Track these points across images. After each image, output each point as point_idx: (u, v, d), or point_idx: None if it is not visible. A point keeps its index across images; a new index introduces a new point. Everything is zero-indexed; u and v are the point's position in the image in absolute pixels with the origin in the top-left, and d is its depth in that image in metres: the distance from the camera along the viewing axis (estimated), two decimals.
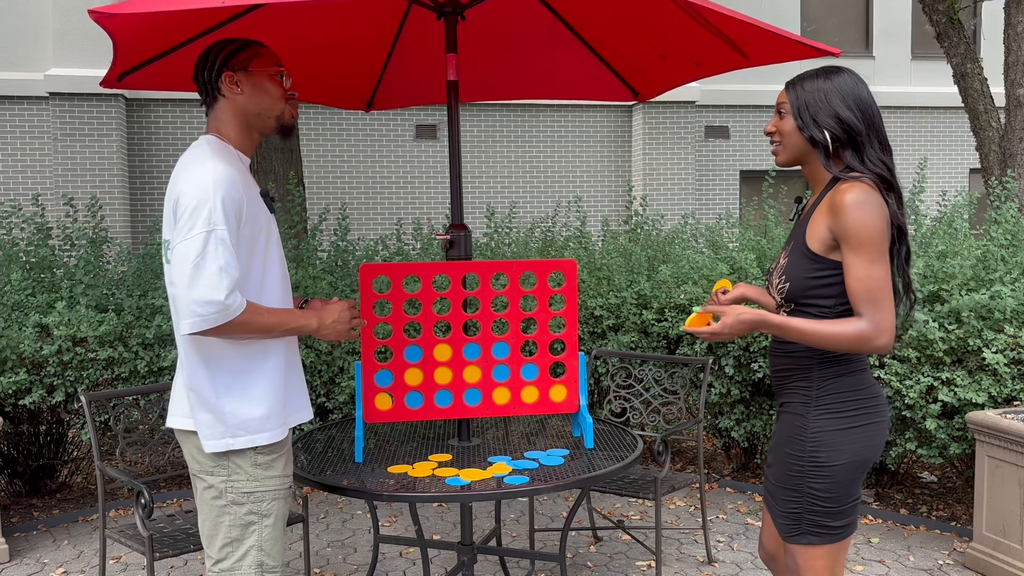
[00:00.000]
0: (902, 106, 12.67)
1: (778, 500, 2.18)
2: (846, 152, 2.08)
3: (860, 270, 1.98)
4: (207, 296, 1.98)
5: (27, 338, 4.35)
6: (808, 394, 2.13)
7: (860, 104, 2.08)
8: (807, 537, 2.12)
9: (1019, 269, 4.36)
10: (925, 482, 4.97)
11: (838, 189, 2.03)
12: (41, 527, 4.54)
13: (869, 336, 1.98)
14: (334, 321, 2.26)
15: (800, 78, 2.16)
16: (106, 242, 5.28)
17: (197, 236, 2.00)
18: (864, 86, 2.11)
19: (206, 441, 2.14)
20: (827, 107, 2.08)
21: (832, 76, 2.11)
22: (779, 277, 2.15)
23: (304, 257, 5.32)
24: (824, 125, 2.08)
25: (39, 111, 10.19)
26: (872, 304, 1.98)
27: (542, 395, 2.82)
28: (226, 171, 2.07)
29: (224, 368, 2.14)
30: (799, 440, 2.11)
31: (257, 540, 2.19)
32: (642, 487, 3.68)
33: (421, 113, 11.36)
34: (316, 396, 4.86)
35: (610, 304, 5.01)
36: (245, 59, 2.21)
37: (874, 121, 2.09)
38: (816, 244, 2.07)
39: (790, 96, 2.15)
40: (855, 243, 1.98)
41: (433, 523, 4.53)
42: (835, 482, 2.08)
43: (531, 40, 3.41)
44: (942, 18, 7.96)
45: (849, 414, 2.10)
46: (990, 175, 7.63)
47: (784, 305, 2.16)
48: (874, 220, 1.97)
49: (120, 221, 10.07)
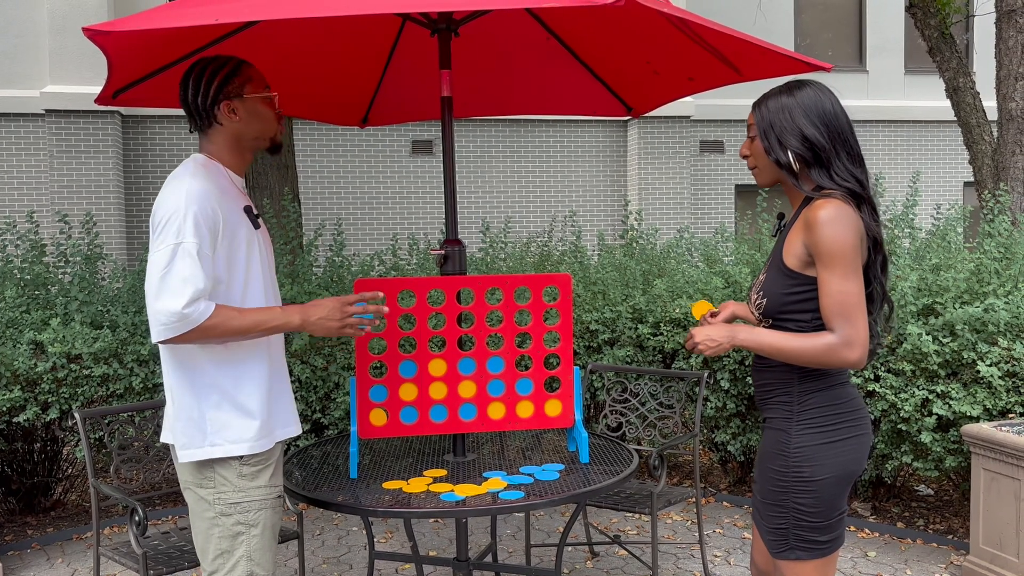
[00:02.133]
0: (895, 120, 12.73)
1: (765, 516, 2.17)
2: (813, 171, 2.08)
3: (833, 285, 1.99)
4: (168, 306, 2.02)
5: (21, 355, 4.34)
6: (790, 409, 2.12)
7: (824, 118, 2.06)
8: (795, 552, 2.11)
9: (1012, 282, 4.37)
10: (922, 495, 4.97)
11: (811, 206, 2.03)
12: (35, 545, 4.52)
13: (840, 350, 1.99)
14: (321, 318, 2.22)
15: (765, 97, 2.14)
16: (101, 259, 5.28)
17: (166, 248, 2.05)
18: (829, 97, 2.09)
19: (183, 451, 2.16)
20: (791, 126, 2.06)
21: (795, 92, 2.09)
22: (757, 293, 2.15)
23: (299, 272, 5.32)
24: (789, 146, 2.07)
25: (35, 128, 10.21)
26: (844, 319, 1.99)
27: (537, 410, 2.82)
28: (201, 187, 2.11)
29: (204, 376, 2.17)
30: (782, 456, 2.11)
31: (246, 550, 2.21)
32: (638, 502, 3.67)
33: (417, 129, 11.40)
34: (311, 412, 4.85)
35: (605, 318, 5.02)
36: (239, 85, 2.24)
37: (841, 134, 2.07)
38: (792, 261, 2.07)
39: (756, 117, 2.13)
40: (828, 259, 1.99)
41: (429, 539, 4.51)
42: (820, 497, 2.08)
43: (525, 56, 3.42)
44: (934, 32, 8.01)
45: (831, 428, 2.09)
46: (983, 188, 7.66)
47: (762, 321, 2.16)
48: (846, 236, 1.98)
49: (116, 238, 10.06)
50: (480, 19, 3.12)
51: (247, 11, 2.01)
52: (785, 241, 2.11)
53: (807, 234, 2.02)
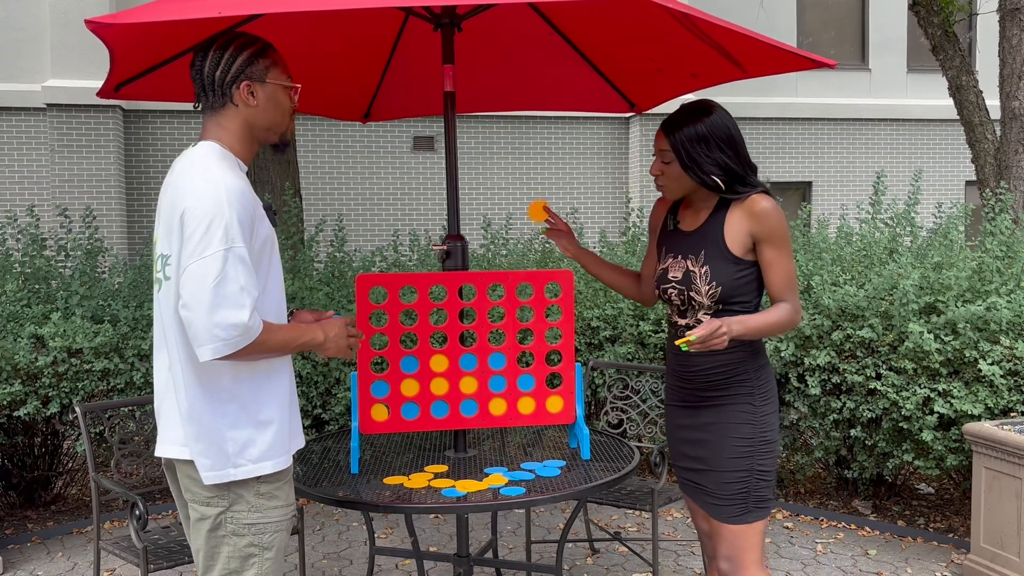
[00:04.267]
0: (898, 119, 12.71)
1: (721, 486, 2.39)
2: (735, 188, 2.36)
3: (784, 263, 2.34)
4: (231, 319, 1.85)
5: (22, 349, 4.33)
6: (752, 385, 2.40)
7: (732, 143, 2.34)
8: (752, 515, 2.38)
9: (1015, 280, 4.36)
10: (923, 494, 4.96)
11: (751, 201, 2.34)
12: (35, 539, 4.52)
13: (795, 315, 2.35)
14: (335, 336, 2.14)
15: (675, 125, 2.37)
16: (101, 253, 5.28)
17: (215, 255, 1.86)
18: (728, 118, 2.37)
19: (205, 472, 1.99)
20: (708, 156, 2.33)
21: (703, 119, 2.34)
22: (708, 284, 2.37)
23: (301, 268, 5.32)
24: (711, 172, 2.33)
25: (36, 122, 10.20)
26: (791, 291, 2.36)
27: (538, 406, 2.82)
28: (237, 184, 1.95)
29: (227, 394, 2.00)
30: (750, 424, 2.38)
31: (257, 572, 2.06)
32: (639, 499, 3.67)
33: (419, 124, 11.39)
34: (312, 407, 4.85)
35: (607, 315, 5.01)
36: (264, 68, 2.08)
37: (744, 154, 2.37)
38: (738, 249, 2.35)
39: (671, 143, 2.37)
40: (780, 241, 2.33)
41: (429, 535, 4.51)
42: (773, 456, 2.41)
43: (528, 52, 3.42)
44: (937, 31, 8.00)
45: (774, 397, 2.44)
46: (985, 187, 7.65)
47: (712, 307, 2.38)
48: (785, 222, 2.35)
49: (117, 232, 10.06)
50: (483, 14, 3.11)
51: (251, 4, 2.00)
52: (724, 233, 2.36)
53: (755, 223, 2.33)
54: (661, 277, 2.48)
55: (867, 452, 4.43)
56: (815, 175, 12.63)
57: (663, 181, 2.42)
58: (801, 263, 4.94)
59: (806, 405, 4.49)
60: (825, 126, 12.54)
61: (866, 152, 12.73)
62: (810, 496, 4.96)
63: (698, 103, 2.38)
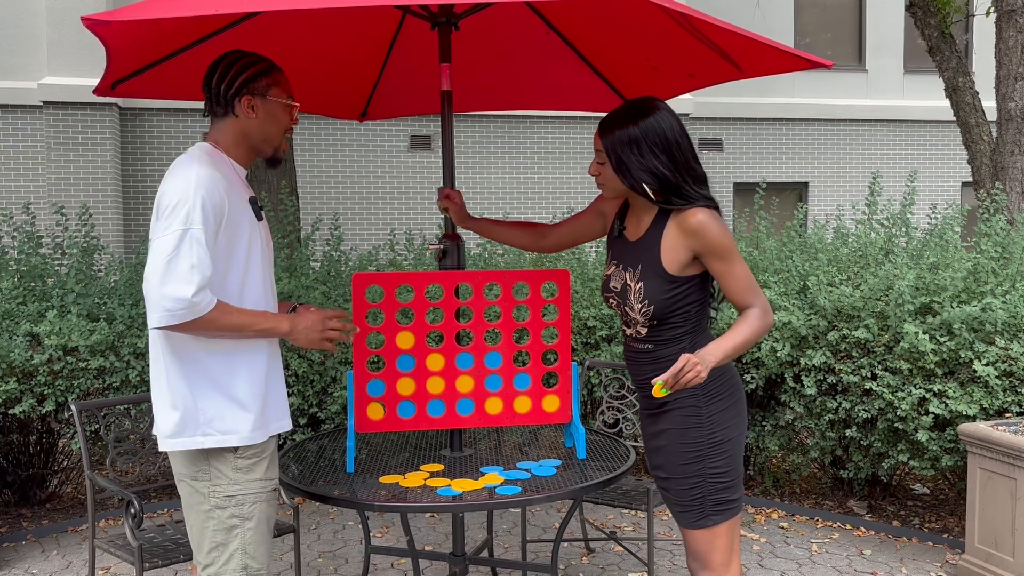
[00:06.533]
0: (894, 119, 12.73)
1: (678, 493, 2.36)
2: (670, 198, 2.25)
3: (736, 271, 2.24)
4: (176, 292, 2.01)
5: (17, 347, 4.33)
6: (696, 387, 2.28)
7: (667, 148, 2.22)
8: (712, 519, 2.33)
9: (1010, 281, 4.37)
10: (918, 494, 4.97)
11: (683, 216, 2.23)
12: (30, 537, 4.51)
13: (766, 316, 2.26)
14: (306, 328, 2.27)
15: (611, 125, 2.27)
16: (97, 251, 5.27)
17: (173, 233, 2.04)
18: (670, 123, 2.23)
19: (174, 439, 2.16)
20: (639, 161, 2.22)
21: (639, 121, 2.23)
22: (640, 303, 2.31)
23: (297, 267, 5.31)
24: (642, 180, 2.24)
25: (33, 120, 10.17)
26: (754, 292, 2.26)
27: (535, 405, 2.82)
28: (209, 174, 2.12)
29: (199, 366, 2.16)
30: (697, 427, 2.32)
31: (241, 543, 2.21)
32: (635, 498, 3.67)
33: (416, 124, 11.38)
34: (308, 406, 4.84)
35: (603, 315, 5.02)
36: (266, 85, 2.27)
37: (685, 160, 2.24)
38: (674, 267, 2.27)
39: (605, 145, 2.28)
40: (723, 252, 2.23)
41: (425, 534, 4.51)
42: (730, 456, 2.33)
43: (525, 51, 3.41)
44: (934, 32, 8.01)
45: (727, 395, 2.34)
46: (981, 188, 7.66)
47: (647, 323, 2.33)
48: (726, 230, 2.24)
49: (113, 230, 10.04)
50: (480, 13, 3.11)
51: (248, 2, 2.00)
52: (660, 251, 2.28)
53: (692, 240, 2.23)
54: (604, 284, 2.47)
55: (862, 452, 4.44)
56: (812, 176, 12.65)
57: (601, 181, 2.36)
58: (797, 263, 4.94)
59: (802, 405, 4.50)
60: (822, 127, 12.55)
61: (863, 153, 12.75)
62: (805, 496, 4.97)
63: (639, 101, 2.29)
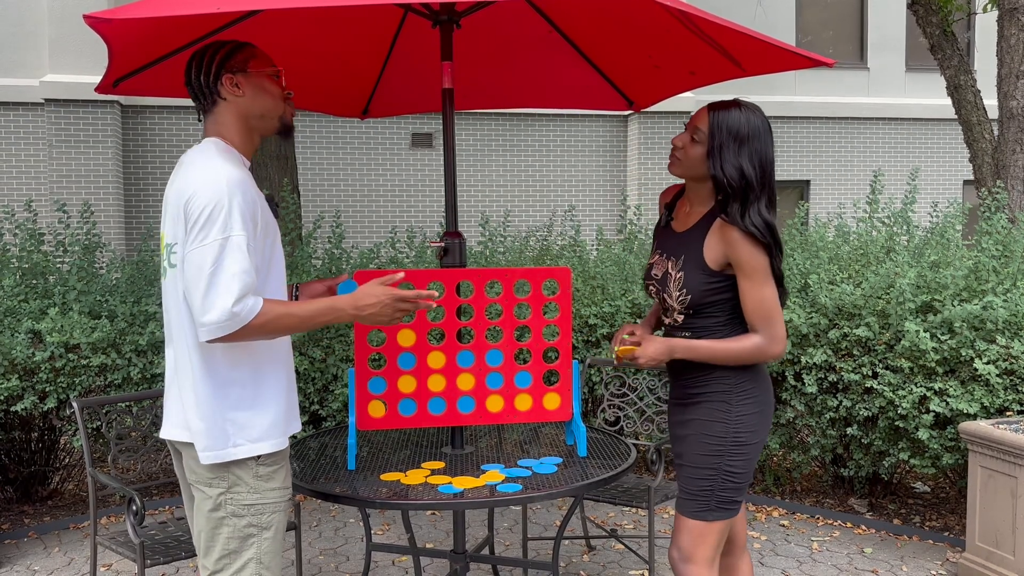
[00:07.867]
0: (896, 118, 12.72)
1: (689, 481, 2.42)
2: (734, 204, 2.29)
3: (754, 293, 2.29)
4: (220, 304, 1.93)
5: (19, 344, 4.33)
6: (730, 385, 2.38)
7: (763, 162, 2.29)
8: (714, 513, 2.38)
9: (1011, 280, 4.37)
10: (918, 492, 4.98)
11: (727, 227, 2.29)
12: (32, 534, 4.52)
13: (765, 348, 2.32)
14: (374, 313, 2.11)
15: (725, 112, 2.30)
16: (99, 248, 5.27)
17: (212, 243, 1.95)
18: (770, 140, 2.31)
19: (204, 452, 2.07)
20: (736, 158, 2.27)
21: (753, 123, 2.28)
22: (679, 291, 2.39)
23: (298, 264, 5.32)
24: (728, 173, 2.28)
25: (35, 117, 10.18)
26: (765, 321, 2.31)
27: (536, 403, 2.82)
28: (238, 174, 2.03)
29: (229, 375, 2.08)
30: (723, 423, 2.38)
31: (256, 553, 2.13)
32: (636, 496, 3.68)
33: (417, 121, 11.38)
34: (309, 403, 4.85)
35: (604, 313, 5.02)
36: (243, 60, 2.17)
37: (769, 180, 2.31)
38: (715, 263, 2.33)
39: (710, 122, 2.30)
40: (749, 271, 2.28)
41: (426, 531, 4.52)
42: (748, 459, 2.38)
43: (527, 49, 3.42)
44: (936, 30, 8.00)
45: (758, 398, 2.40)
46: (983, 186, 7.66)
47: (683, 311, 2.41)
48: (761, 252, 2.27)
49: (115, 228, 10.05)
50: (482, 11, 3.11)
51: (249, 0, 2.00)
52: (704, 246, 2.35)
53: (728, 248, 2.30)
54: (647, 272, 2.53)
55: (863, 450, 4.44)
56: (813, 173, 12.64)
57: (680, 155, 2.37)
58: (798, 261, 4.94)
59: (803, 403, 4.50)
60: (823, 125, 12.54)
61: (864, 151, 12.74)
62: (806, 494, 4.97)
63: (756, 108, 2.34)
